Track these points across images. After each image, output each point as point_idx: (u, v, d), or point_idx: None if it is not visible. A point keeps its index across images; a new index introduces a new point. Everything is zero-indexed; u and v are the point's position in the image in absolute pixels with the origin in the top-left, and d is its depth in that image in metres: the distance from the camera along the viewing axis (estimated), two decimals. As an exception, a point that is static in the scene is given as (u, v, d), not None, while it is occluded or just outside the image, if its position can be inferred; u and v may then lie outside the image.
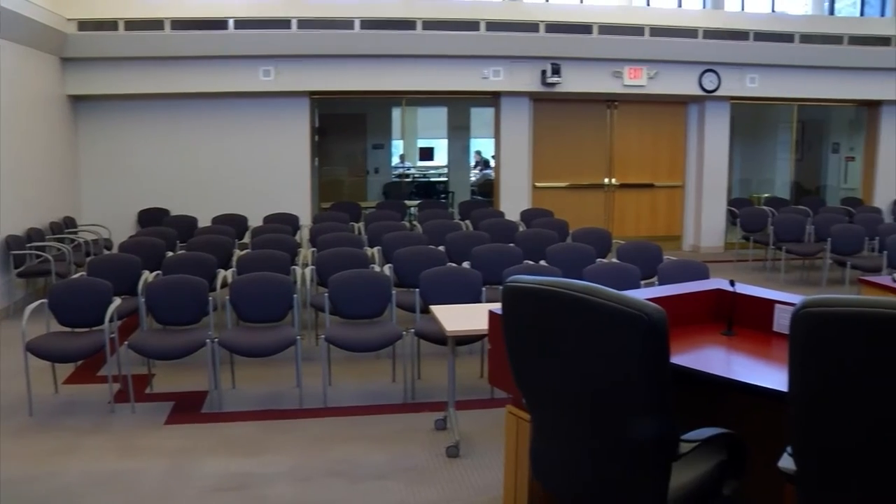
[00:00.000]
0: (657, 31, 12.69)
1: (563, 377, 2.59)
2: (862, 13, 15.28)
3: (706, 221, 13.88)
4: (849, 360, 1.99)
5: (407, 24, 11.84)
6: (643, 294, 3.91)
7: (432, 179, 17.36)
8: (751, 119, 16.16)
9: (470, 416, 5.73)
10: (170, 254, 8.33)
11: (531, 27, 12.24)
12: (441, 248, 8.28)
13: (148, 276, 7.25)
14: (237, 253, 8.54)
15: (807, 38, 13.42)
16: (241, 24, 11.45)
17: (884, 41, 13.75)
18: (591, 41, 12.44)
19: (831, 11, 15.01)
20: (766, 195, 15.23)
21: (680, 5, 13.94)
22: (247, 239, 9.73)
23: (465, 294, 6.38)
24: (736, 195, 15.41)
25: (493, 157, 14.02)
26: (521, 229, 9.90)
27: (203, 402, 6.16)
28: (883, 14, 15.07)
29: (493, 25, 12.08)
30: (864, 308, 1.93)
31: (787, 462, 2.30)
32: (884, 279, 6.56)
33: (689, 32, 12.88)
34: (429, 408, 5.99)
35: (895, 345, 1.90)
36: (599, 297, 2.39)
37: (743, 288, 3.93)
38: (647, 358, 2.35)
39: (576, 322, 2.46)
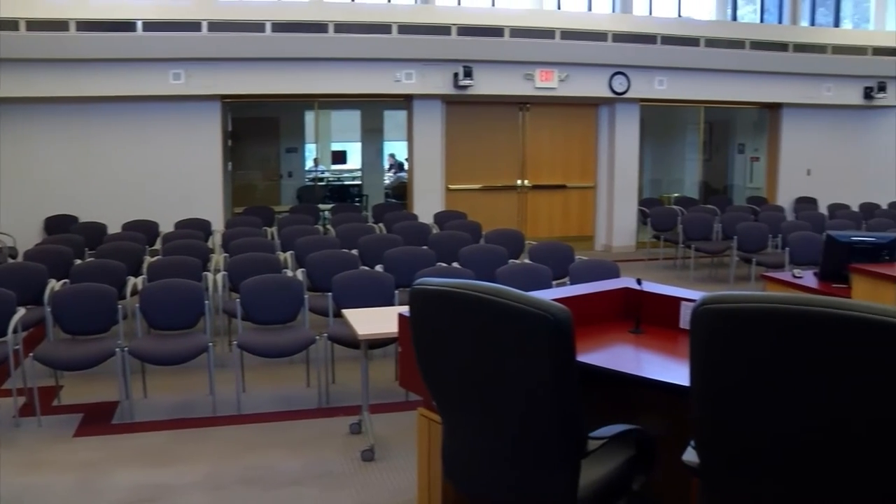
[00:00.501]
0: (568, 35, 12.83)
1: (470, 378, 2.60)
2: (762, 19, 15.74)
3: (618, 221, 14.10)
4: (746, 354, 2.03)
5: (319, 27, 11.76)
6: (552, 294, 3.95)
7: (346, 183, 17.29)
8: (660, 120, 16.48)
9: (385, 419, 5.73)
10: (78, 261, 8.10)
11: (443, 30, 12.27)
12: (354, 251, 8.24)
13: (55, 284, 7.05)
14: (147, 260, 8.36)
15: (711, 43, 13.74)
16: (150, 25, 11.20)
17: (782, 46, 14.18)
18: (503, 44, 12.52)
19: (734, 17, 15.44)
20: (676, 195, 15.55)
21: (590, 9, 14.17)
22: (158, 245, 9.55)
23: (378, 297, 6.37)
24: (647, 195, 15.70)
25: (406, 159, 14.02)
26: (434, 232, 9.93)
27: (113, 413, 6.02)
28: (781, 21, 15.56)
29: (406, 28, 12.08)
30: (760, 304, 1.98)
31: (690, 455, 2.34)
32: (785, 275, 6.77)
33: (599, 36, 13.06)
34: (343, 412, 5.96)
35: (789, 338, 1.95)
36: (505, 298, 2.40)
37: (650, 286, 4.00)
38: (553, 357, 2.37)
39: (481, 323, 2.48)
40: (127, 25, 11.16)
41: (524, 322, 2.36)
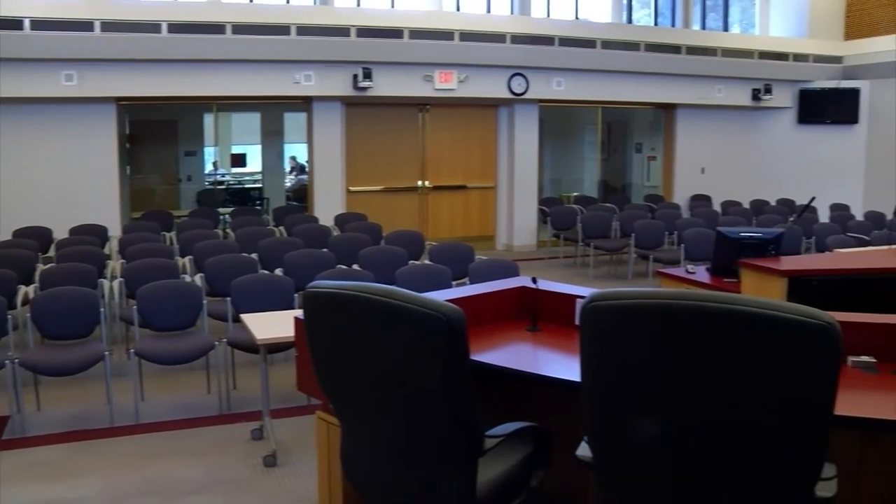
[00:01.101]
0: (467, 36, 12.94)
1: (365, 380, 2.61)
2: (656, 23, 16.15)
3: (518, 221, 14.27)
4: (632, 349, 2.09)
5: (216, 28, 11.59)
6: (449, 294, 3.99)
7: (247, 186, 17.09)
8: (559, 121, 16.76)
9: (287, 423, 5.70)
10: (-37, 271, 7.84)
11: (342, 31, 12.22)
12: (254, 255, 8.18)
13: (-61, 295, 6.81)
14: (40, 267, 8.14)
15: (608, 45, 14.02)
16: (39, 24, 10.80)
17: (676, 49, 14.59)
18: (402, 45, 12.55)
19: (629, 20, 15.78)
20: (576, 194, 15.82)
21: (489, 11, 14.28)
22: (51, 252, 9.29)
23: (278, 301, 6.33)
24: (547, 195, 15.94)
25: (307, 162, 13.94)
26: (334, 234, 9.90)
27: (4, 428, 5.83)
28: (674, 24, 16.01)
29: (304, 30, 11.99)
30: (644, 300, 2.04)
31: (584, 450, 2.40)
32: (679, 271, 6.95)
33: (498, 37, 13.19)
34: (245, 418, 5.90)
35: (672, 333, 2.02)
36: (397, 299, 2.42)
37: (545, 284, 4.07)
38: (446, 357, 2.40)
39: (375, 325, 2.50)
40: (13, 23, 10.75)
41: (417, 323, 2.38)
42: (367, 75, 12.30)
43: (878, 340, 3.56)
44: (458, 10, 14.06)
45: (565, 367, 3.45)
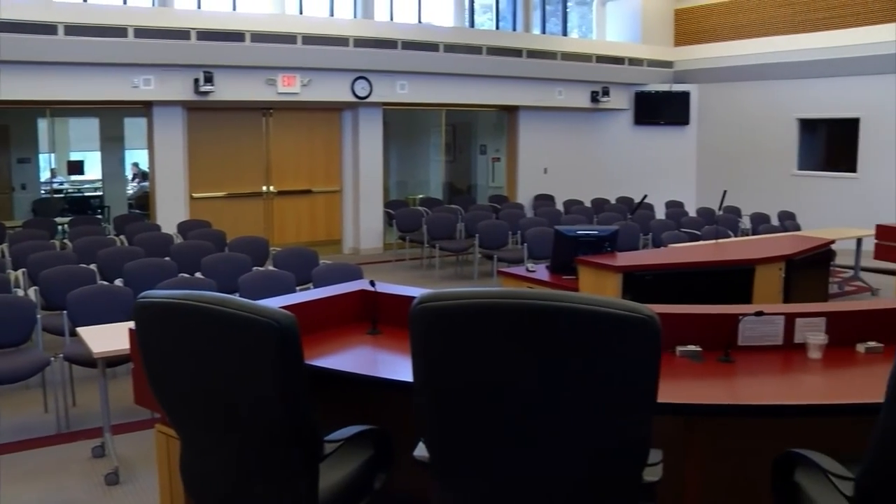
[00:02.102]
0: (309, 40, 12.86)
1: (199, 390, 2.58)
2: (497, 27, 16.46)
3: (364, 224, 14.27)
4: (460, 349, 2.14)
5: (47, 28, 11.09)
6: (288, 300, 3.97)
7: (87, 194, 16.47)
8: (404, 124, 16.87)
9: (130, 439, 5.55)
10: None
11: (182, 34, 11.94)
12: (93, 266, 7.91)
13: None
14: None
15: (451, 48, 14.20)
16: None
17: (517, 52, 14.93)
18: (244, 49, 12.37)
19: (472, 24, 16.01)
20: (421, 196, 15.95)
21: (332, 14, 14.22)
22: None
23: (117, 312, 6.12)
24: (393, 197, 16.03)
25: (149, 168, 13.56)
26: (177, 242, 9.69)
27: None
28: (515, 28, 16.37)
29: (142, 32, 11.63)
30: (471, 300, 2.09)
31: (420, 451, 2.43)
32: (520, 270, 7.13)
33: (341, 41, 13.17)
34: (85, 436, 5.71)
35: (500, 332, 2.08)
36: (229, 307, 2.40)
37: (384, 287, 4.09)
38: (281, 364, 2.39)
39: (207, 334, 2.46)
40: None
41: (249, 330, 2.37)
42: (209, 79, 12.07)
43: (703, 330, 3.75)
44: (300, 13, 13.93)
45: (404, 368, 3.47)
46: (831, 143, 15.75)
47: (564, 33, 17.26)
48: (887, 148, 14.15)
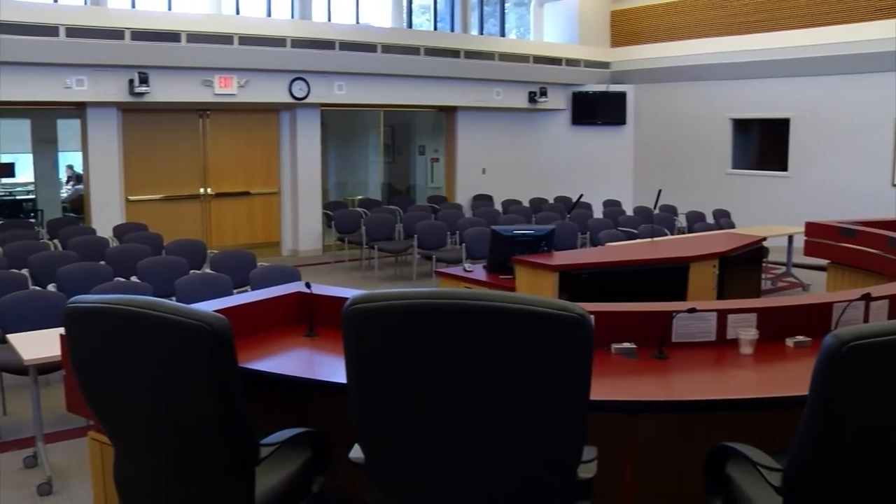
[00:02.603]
0: (246, 40, 12.74)
1: (132, 396, 2.54)
2: (435, 27, 16.49)
3: (303, 225, 14.20)
4: (392, 349, 2.14)
5: (-26, 28, 10.87)
6: (223, 303, 3.93)
7: (18, 198, 16.12)
8: (343, 125, 16.82)
9: (63, 447, 5.44)
10: None
11: (116, 34, 11.72)
12: (24, 270, 7.76)
13: None
14: None
15: (388, 49, 14.18)
16: None
17: (455, 53, 14.97)
18: (180, 49, 12.21)
19: (410, 25, 16.01)
20: (360, 197, 15.91)
21: (269, 14, 14.12)
22: None
23: (50, 318, 5.99)
24: (332, 198, 15.94)
25: (83, 171, 13.32)
26: (112, 245, 9.54)
27: None
28: (453, 29, 16.42)
29: (75, 31, 11.39)
30: (400, 301, 2.09)
31: (356, 452, 2.42)
32: (457, 270, 7.15)
33: (278, 41, 13.08)
34: (17, 445, 5.57)
35: (432, 333, 2.08)
36: (161, 311, 2.37)
37: (320, 289, 4.08)
38: (214, 368, 2.37)
39: (138, 338, 2.43)
40: None
41: (181, 334, 2.35)
42: (144, 80, 11.89)
43: (638, 327, 3.80)
44: (237, 13, 13.80)
45: (341, 370, 3.45)
46: (764, 143, 16.08)
47: (502, 34, 17.35)
48: (816, 147, 14.51)
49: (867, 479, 2.22)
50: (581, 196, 8.39)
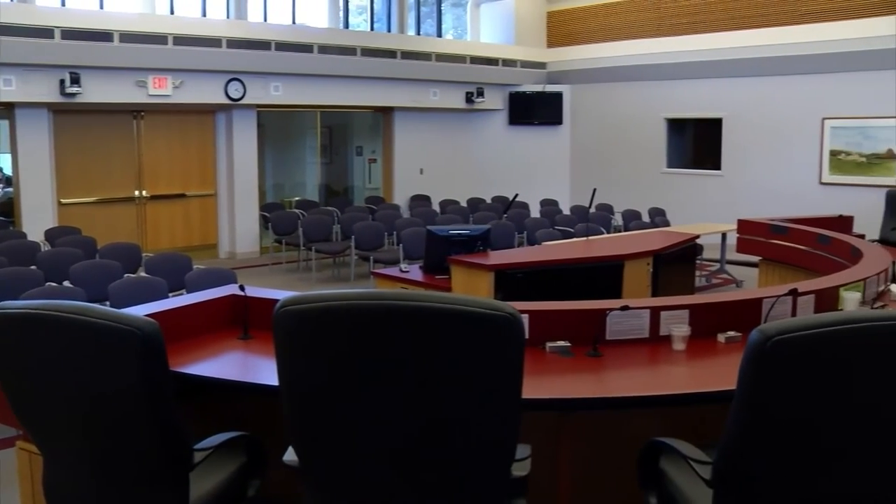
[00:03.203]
0: (181, 40, 12.58)
1: (61, 403, 2.50)
2: (372, 28, 16.46)
3: (240, 227, 14.06)
4: (324, 351, 2.13)
5: None
6: (155, 307, 3.89)
7: (-55, 201, 15.73)
8: (280, 126, 16.72)
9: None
10: None
11: (45, 33, 11.48)
12: (-51, 277, 7.58)
13: None
14: None
15: (325, 49, 14.12)
16: None
17: (392, 54, 14.97)
18: (113, 49, 12.00)
19: (346, 25, 15.95)
20: (298, 198, 15.80)
21: (204, 14, 13.95)
22: None
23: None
24: (270, 200, 15.82)
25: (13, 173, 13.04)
26: (44, 249, 9.36)
27: None
28: (390, 30, 16.40)
29: (2, 29, 11.09)
30: (332, 302, 2.08)
31: (290, 455, 2.41)
32: (393, 270, 7.16)
33: (213, 42, 12.93)
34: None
35: (361, 334, 2.08)
36: (89, 315, 2.34)
37: (254, 291, 4.05)
38: (144, 373, 2.35)
39: (66, 344, 2.40)
40: None
41: (110, 339, 2.32)
42: (76, 80, 11.66)
43: (572, 326, 3.85)
44: (171, 13, 13.61)
45: (275, 373, 3.45)
46: (697, 142, 16.36)
47: (439, 35, 17.37)
48: (748, 147, 14.81)
49: (793, 471, 2.27)
50: (516, 196, 8.46)
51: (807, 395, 2.17)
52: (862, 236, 8.07)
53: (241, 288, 4.00)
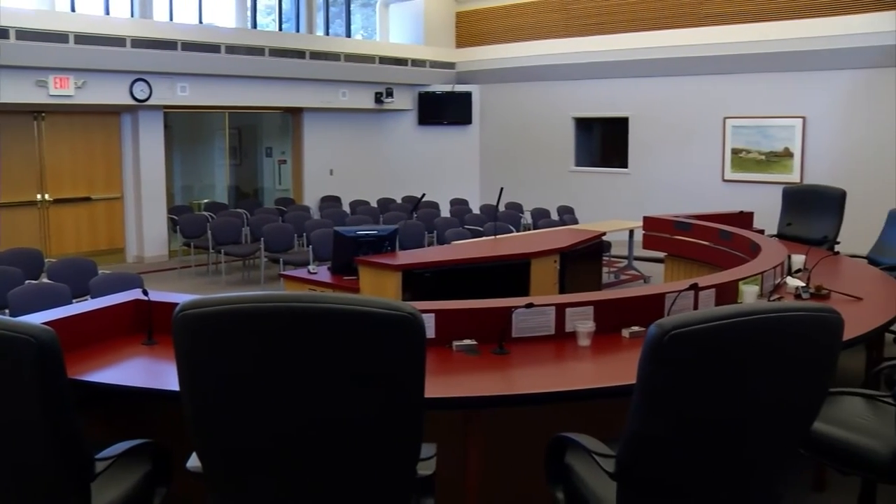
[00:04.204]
0: (83, 39, 12.26)
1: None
2: (280, 28, 16.33)
3: (148, 231, 13.78)
4: (225, 355, 2.12)
5: None
6: (53, 314, 3.80)
7: None
8: (188, 127, 16.45)
9: None
10: None
11: (-64, 31, 11.13)
12: None
13: None
14: None
15: (232, 49, 13.94)
16: None
17: (300, 54, 14.88)
18: (10, 47, 11.61)
19: (254, 25, 15.79)
20: (207, 200, 15.59)
21: (107, 12, 13.64)
22: None
23: None
24: (179, 202, 15.56)
25: None
26: (-60, 256, 9.06)
27: None
28: (299, 30, 16.30)
29: None
30: (234, 305, 2.07)
31: (193, 462, 2.38)
32: (301, 272, 7.13)
33: (118, 41, 12.64)
34: None
35: (263, 336, 2.08)
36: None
37: (158, 295, 4.00)
38: (40, 382, 2.32)
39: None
40: None
41: (5, 348, 2.28)
42: (-29, 80, 11.31)
43: (479, 324, 3.90)
44: (72, 10, 13.27)
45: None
46: (605, 141, 16.65)
47: (348, 35, 17.32)
48: (654, 145, 15.13)
49: (691, 462, 2.35)
50: (423, 195, 8.53)
51: (703, 385, 2.24)
52: (762, 231, 8.32)
53: (145, 292, 3.94)
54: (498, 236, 8.82)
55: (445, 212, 14.02)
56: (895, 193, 11.55)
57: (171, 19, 14.40)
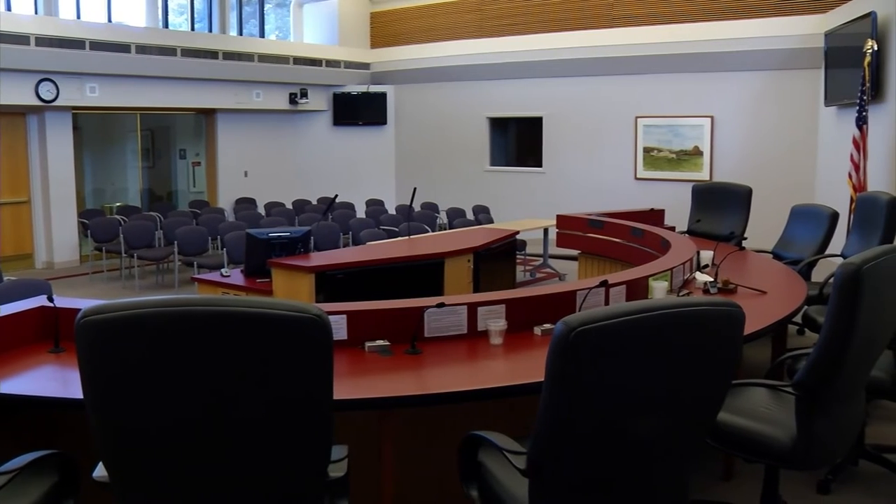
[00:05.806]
0: (-17, 37, 11.94)
1: None
2: (193, 28, 16.11)
3: (57, 236, 13.45)
4: (126, 360, 2.09)
5: None
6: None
7: None
8: (99, 128, 16.14)
9: None
10: None
11: None
12: None
13: None
14: None
15: (143, 49, 13.69)
16: None
17: (213, 54, 14.69)
18: None
19: (166, 24, 15.55)
20: (119, 204, 15.30)
21: (9, 9, 13.26)
22: None
23: None
24: (91, 206, 15.23)
25: None
26: None
27: None
28: (211, 30, 16.11)
29: None
30: (134, 310, 2.05)
31: (100, 471, 2.35)
32: (214, 275, 7.06)
33: (21, 39, 12.28)
34: None
35: (164, 340, 2.07)
36: None
37: (65, 301, 3.93)
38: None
39: None
40: None
41: None
42: None
43: (391, 324, 3.92)
44: (-29, 7, 12.90)
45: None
46: (520, 140, 16.81)
47: (262, 35, 17.18)
48: (567, 144, 15.35)
49: (599, 458, 2.40)
50: (336, 196, 8.53)
51: (608, 382, 2.29)
52: (673, 228, 8.51)
53: (50, 299, 3.87)
54: (412, 236, 8.84)
55: (361, 213, 14.00)
56: (799, 190, 11.91)
57: (79, 17, 14.09)
